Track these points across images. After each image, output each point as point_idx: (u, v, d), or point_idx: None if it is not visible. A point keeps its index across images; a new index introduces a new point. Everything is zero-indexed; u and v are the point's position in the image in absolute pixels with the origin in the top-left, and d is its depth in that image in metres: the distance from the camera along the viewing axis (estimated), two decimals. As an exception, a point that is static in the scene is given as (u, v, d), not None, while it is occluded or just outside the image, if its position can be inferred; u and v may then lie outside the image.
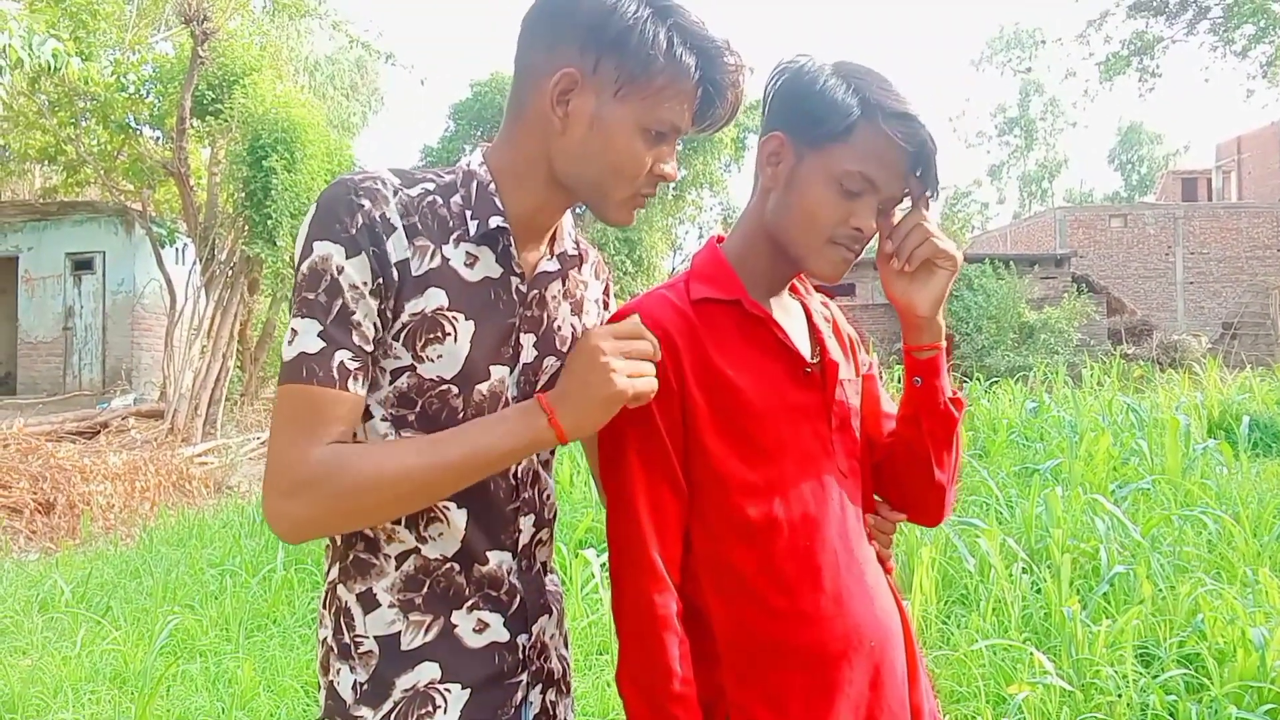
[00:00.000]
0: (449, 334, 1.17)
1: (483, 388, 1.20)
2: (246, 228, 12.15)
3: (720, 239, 1.40)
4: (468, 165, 1.23)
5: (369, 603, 1.21)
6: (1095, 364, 11.14)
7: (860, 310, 18.57)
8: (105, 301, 15.14)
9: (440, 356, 1.17)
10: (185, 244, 14.20)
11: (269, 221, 11.62)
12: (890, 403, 1.47)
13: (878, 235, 1.31)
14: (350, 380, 1.12)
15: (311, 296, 1.11)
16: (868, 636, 1.27)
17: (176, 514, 7.79)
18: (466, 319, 1.18)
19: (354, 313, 1.11)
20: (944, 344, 1.34)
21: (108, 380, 14.82)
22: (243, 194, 11.98)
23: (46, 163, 15.00)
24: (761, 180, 1.32)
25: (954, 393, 1.36)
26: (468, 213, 1.20)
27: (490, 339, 1.20)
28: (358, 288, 1.11)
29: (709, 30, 1.18)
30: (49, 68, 6.58)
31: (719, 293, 1.31)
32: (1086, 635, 3.29)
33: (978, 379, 11.00)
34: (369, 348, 1.13)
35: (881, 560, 1.39)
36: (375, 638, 1.20)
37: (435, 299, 1.16)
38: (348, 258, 1.11)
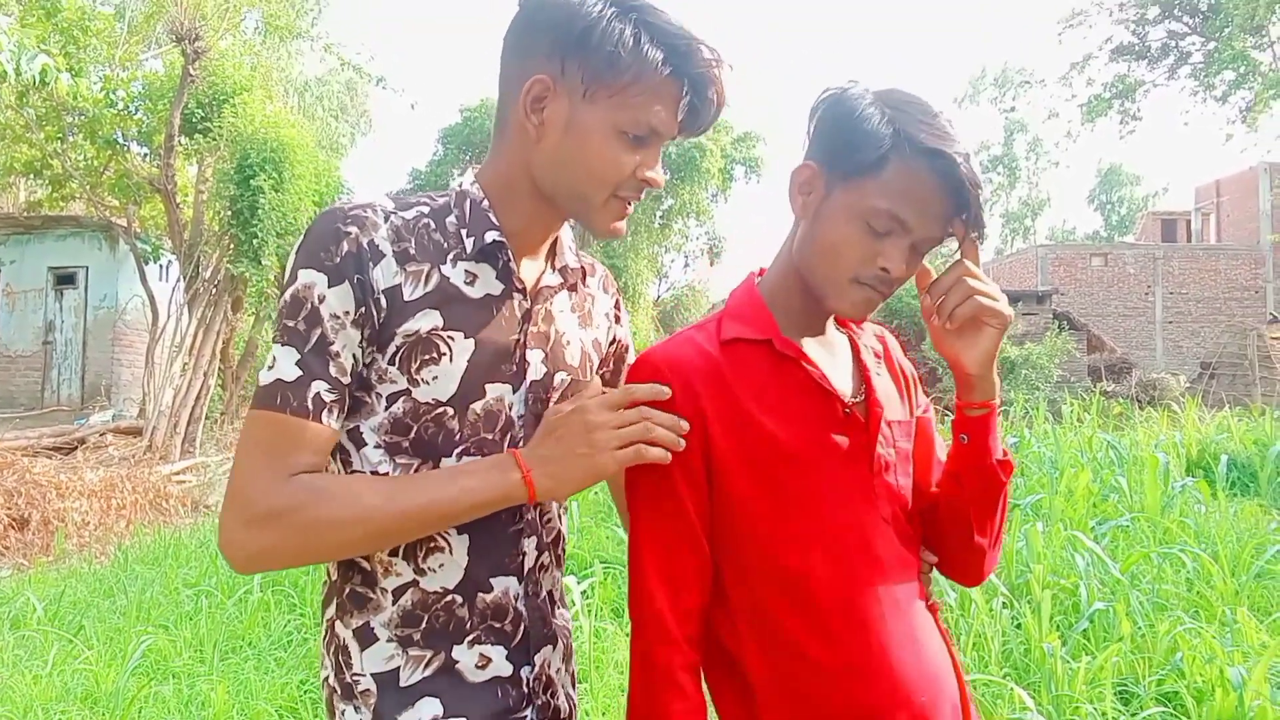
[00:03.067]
0: (444, 354, 1.14)
1: (477, 407, 1.17)
2: (232, 246, 12.11)
3: (761, 272, 1.34)
4: (460, 185, 1.23)
5: (366, 638, 1.17)
6: (1075, 400, 11.21)
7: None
8: (86, 317, 15.04)
9: (435, 378, 1.14)
10: (169, 261, 14.15)
11: (255, 240, 11.61)
12: (944, 450, 1.38)
13: (915, 283, 1.24)
14: (325, 412, 1.10)
15: (292, 324, 1.10)
16: (916, 691, 1.19)
17: (153, 532, 7.71)
18: (466, 337, 1.16)
19: (333, 343, 1.09)
20: (997, 402, 1.26)
21: (86, 396, 14.69)
22: (229, 212, 11.95)
23: (32, 176, 14.93)
24: (794, 211, 1.26)
25: (1004, 454, 1.26)
26: (463, 230, 1.18)
27: (490, 357, 1.18)
28: (339, 317, 1.09)
29: (680, 26, 1.13)
30: (37, 82, 6.56)
31: (750, 332, 1.25)
32: (1066, 672, 3.29)
33: (959, 413, 11.05)
34: (346, 380, 1.11)
35: (924, 600, 1.31)
36: (373, 675, 1.17)
37: (429, 320, 1.13)
38: (330, 286, 1.09)
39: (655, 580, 1.18)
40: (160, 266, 14.42)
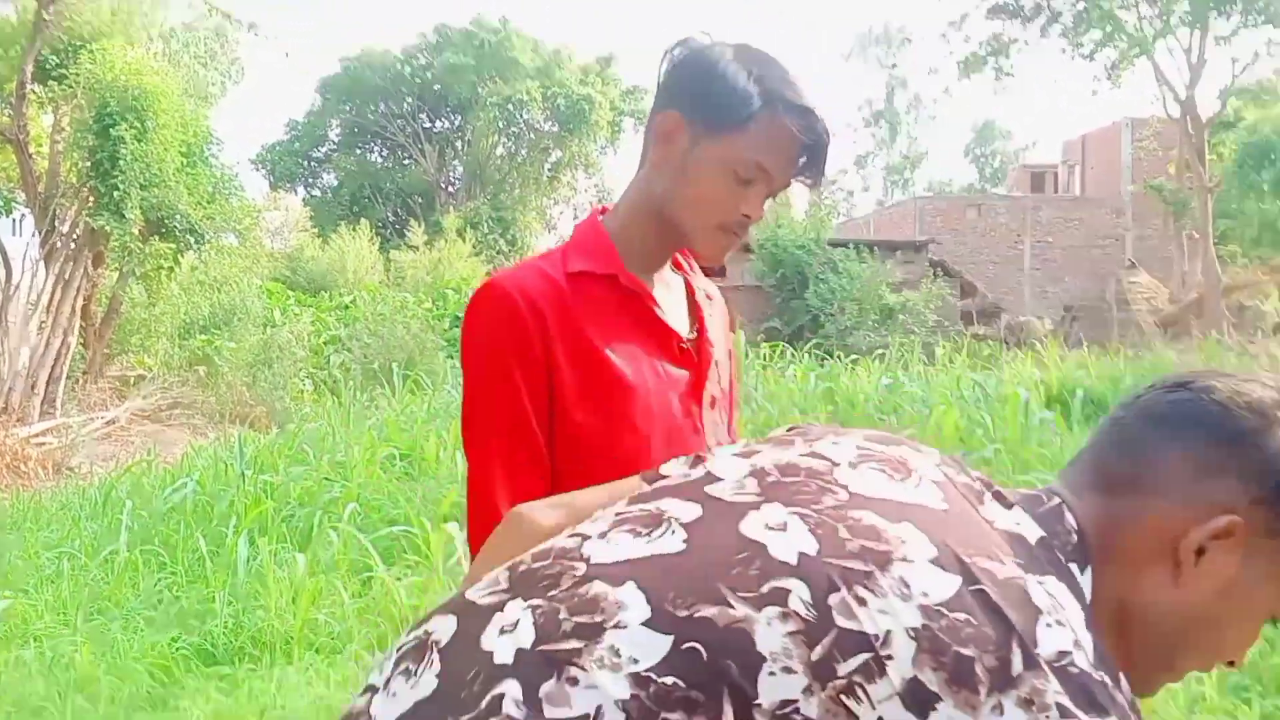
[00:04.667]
0: None
1: None
2: (92, 199, 11.64)
3: (604, 210, 1.39)
4: None
5: None
6: (948, 343, 11.64)
7: (730, 291, 18.89)
8: (-67, 275, 14.14)
9: None
10: (23, 215, 13.49)
11: (115, 193, 11.16)
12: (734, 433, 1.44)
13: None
14: None
15: None
16: None
17: (10, 496, 7.41)
18: None
19: None
20: None
21: (-64, 360, 13.86)
22: (88, 163, 11.48)
23: None
24: (651, 156, 1.31)
25: None
26: None
27: None
28: None
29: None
30: None
31: (595, 265, 1.29)
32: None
33: (839, 357, 11.36)
34: None
35: None
36: None
37: None
38: None
39: (500, 491, 1.20)
40: (13, 221, 13.74)
